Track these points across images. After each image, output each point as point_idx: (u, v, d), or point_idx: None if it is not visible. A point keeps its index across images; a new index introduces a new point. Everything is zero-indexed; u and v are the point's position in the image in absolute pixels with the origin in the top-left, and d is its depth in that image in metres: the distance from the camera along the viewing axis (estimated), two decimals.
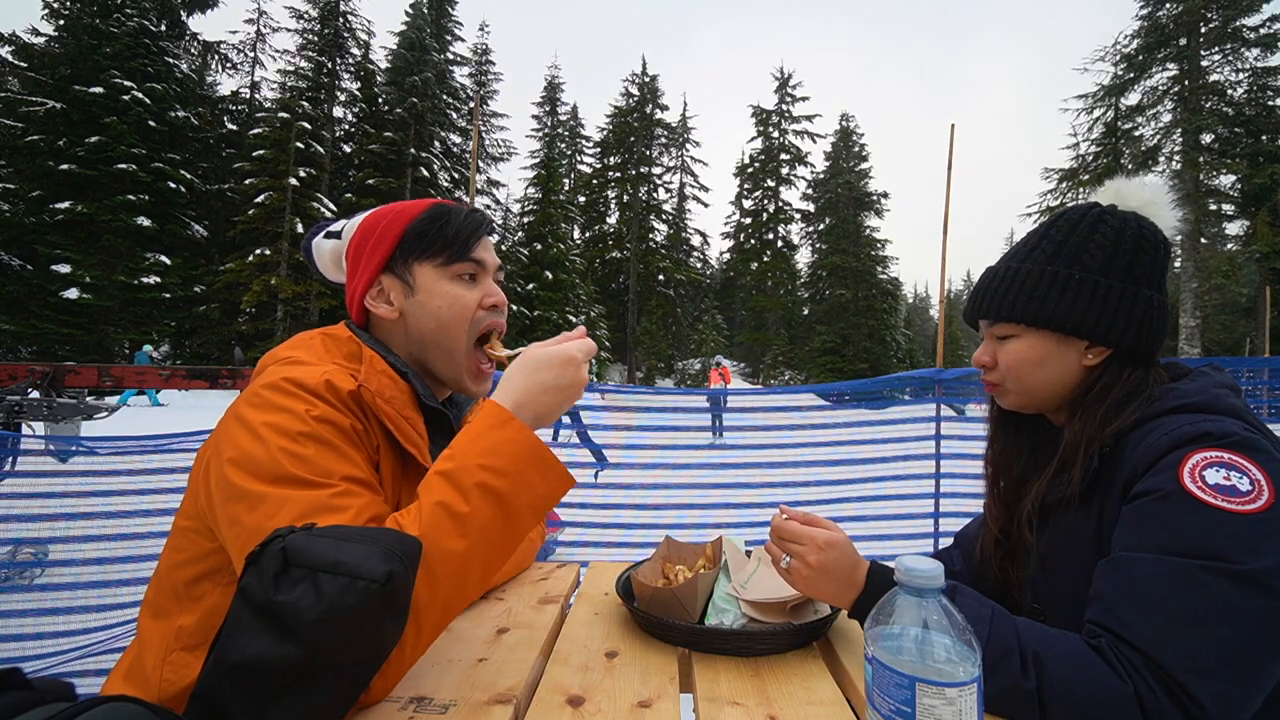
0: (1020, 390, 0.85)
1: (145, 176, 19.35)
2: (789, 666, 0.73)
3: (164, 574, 0.75)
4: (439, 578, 0.61)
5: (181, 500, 0.77)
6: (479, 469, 0.64)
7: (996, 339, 0.86)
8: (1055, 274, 0.80)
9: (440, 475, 0.65)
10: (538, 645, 0.78)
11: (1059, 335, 0.81)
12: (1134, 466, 0.70)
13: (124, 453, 2.04)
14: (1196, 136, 20.12)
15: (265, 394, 0.69)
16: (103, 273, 18.29)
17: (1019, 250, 0.86)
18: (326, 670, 0.50)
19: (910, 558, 0.52)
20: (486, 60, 34.29)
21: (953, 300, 51.53)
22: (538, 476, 0.67)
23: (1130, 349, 0.79)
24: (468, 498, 0.63)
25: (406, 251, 0.84)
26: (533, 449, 0.67)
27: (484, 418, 0.69)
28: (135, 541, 1.99)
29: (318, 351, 0.81)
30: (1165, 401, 0.74)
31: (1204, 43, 20.10)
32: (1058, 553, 0.79)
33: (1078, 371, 0.81)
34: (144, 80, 20.18)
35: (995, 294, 0.84)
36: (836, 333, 33.64)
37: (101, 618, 1.96)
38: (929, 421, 3.04)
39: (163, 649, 0.70)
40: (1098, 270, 0.79)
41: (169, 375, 2.02)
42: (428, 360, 0.85)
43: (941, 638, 0.49)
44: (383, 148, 25.15)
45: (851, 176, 37.24)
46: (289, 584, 0.50)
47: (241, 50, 26.44)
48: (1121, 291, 0.78)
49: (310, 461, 0.65)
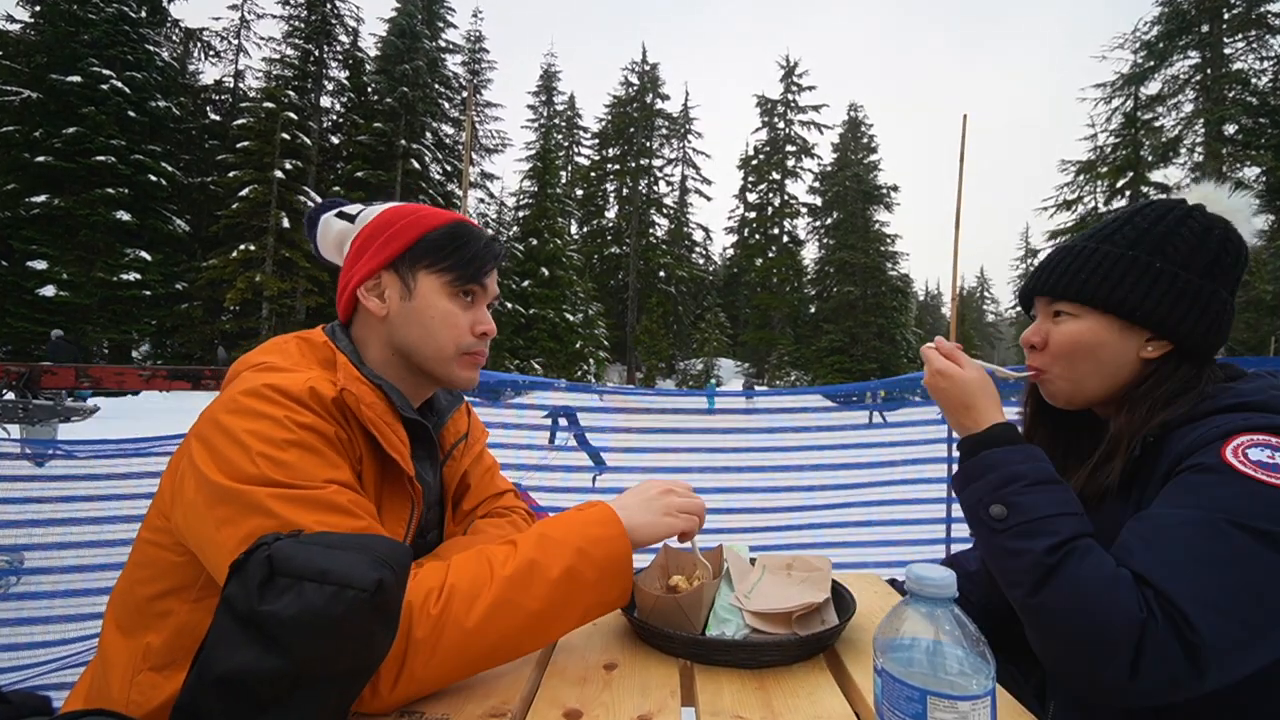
0: (1068, 377, 0.85)
1: (125, 169, 19.37)
2: (795, 679, 0.73)
3: (125, 590, 0.74)
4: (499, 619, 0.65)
5: (147, 512, 0.76)
6: (578, 551, 0.71)
7: (1053, 319, 0.86)
8: (1135, 259, 0.80)
9: (543, 538, 0.71)
10: (533, 657, 0.78)
11: (1123, 323, 0.81)
12: (1179, 456, 0.71)
13: (103, 456, 2.03)
14: (1219, 127, 20.13)
15: (246, 401, 0.69)
16: (80, 269, 18.30)
17: (1099, 231, 0.86)
18: (314, 682, 0.50)
19: (921, 566, 0.52)
20: (480, 48, 34.34)
21: (965, 298, 51.55)
22: (615, 584, 0.74)
23: (1195, 347, 0.79)
24: (560, 567, 0.69)
25: (417, 256, 0.85)
26: (625, 558, 0.74)
27: (598, 513, 0.76)
28: (115, 549, 1.99)
29: (293, 357, 0.81)
30: (1220, 400, 0.74)
31: (1227, 29, 20.12)
32: None
33: (1132, 364, 0.81)
34: (124, 69, 20.19)
35: (1066, 270, 0.84)
36: (844, 332, 33.66)
37: (79, 628, 1.96)
38: (940, 424, 3.04)
39: (130, 669, 0.69)
40: (1179, 263, 0.79)
41: (149, 376, 2.02)
42: (412, 357, 0.86)
43: (954, 649, 0.49)
44: (372, 139, 25.17)
45: (860, 169, 37.27)
46: (274, 593, 0.50)
47: (225, 37, 26.47)
48: (1199, 287, 0.78)
49: (294, 468, 0.65)
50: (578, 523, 0.74)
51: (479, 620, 0.64)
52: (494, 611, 0.65)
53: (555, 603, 0.68)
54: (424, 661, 0.62)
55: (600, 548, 0.72)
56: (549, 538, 0.71)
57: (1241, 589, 0.60)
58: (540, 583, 0.67)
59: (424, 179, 27.21)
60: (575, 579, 0.70)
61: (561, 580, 0.68)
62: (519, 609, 0.66)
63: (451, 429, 0.98)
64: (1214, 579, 0.60)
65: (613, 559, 0.73)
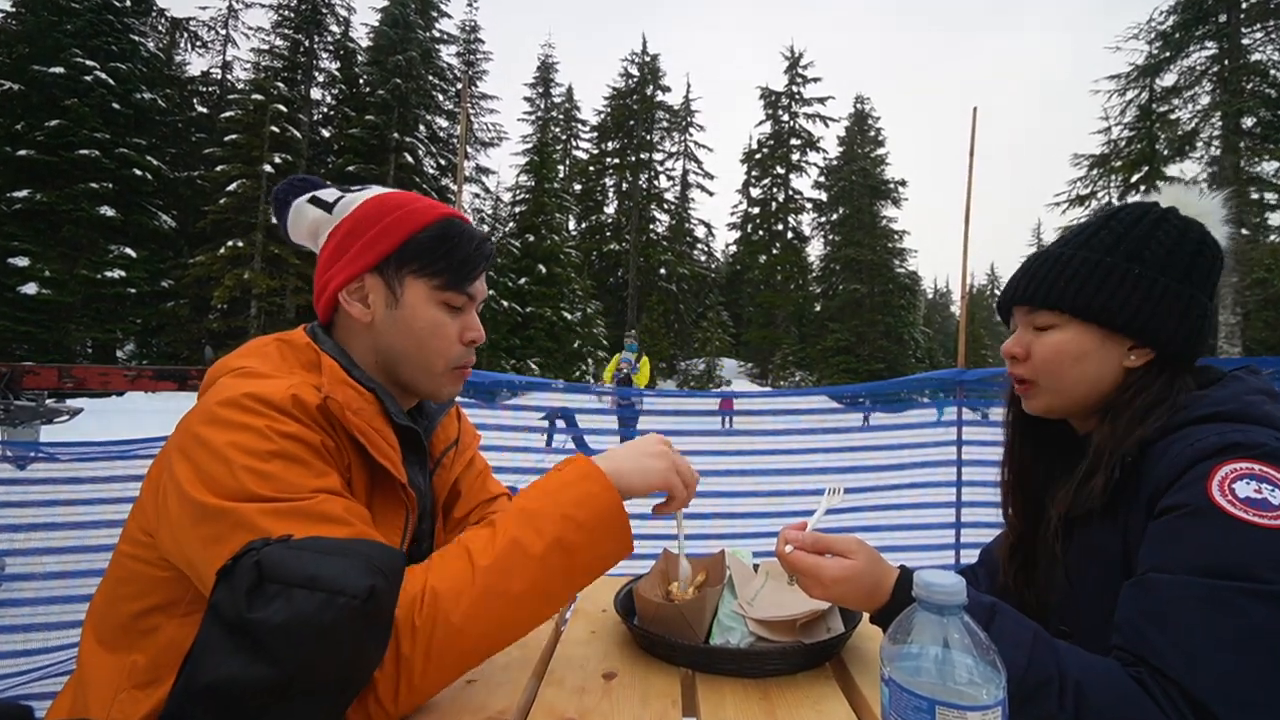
0: (1053, 389, 0.85)
1: (109, 163, 19.34)
2: (799, 688, 0.74)
3: (105, 607, 0.73)
4: (487, 611, 0.64)
5: (125, 527, 0.75)
6: (562, 518, 0.69)
7: (1034, 329, 0.86)
8: (1113, 266, 0.80)
9: (522, 512, 0.70)
10: (530, 665, 0.78)
11: (1105, 331, 0.81)
12: (1158, 480, 0.71)
13: (87, 459, 2.03)
14: (1237, 120, 20.10)
15: (225, 412, 0.67)
16: (63, 266, 18.28)
17: (1074, 236, 0.86)
18: (304, 692, 0.50)
19: (929, 572, 0.52)
20: (475, 38, 34.29)
21: (975, 296, 51.55)
22: (610, 538, 0.72)
23: (1176, 354, 0.80)
24: (543, 542, 0.67)
25: (404, 260, 0.82)
26: (615, 510, 0.72)
27: (576, 469, 0.74)
28: (100, 554, 1.98)
29: (274, 361, 0.79)
30: (1193, 410, 0.74)
31: (1245, 19, 20.09)
32: (1084, 570, 0.79)
33: (1115, 373, 0.82)
34: (108, 60, 20.17)
35: (1044, 278, 0.84)
36: (851, 331, 33.66)
37: (63, 636, 1.96)
38: (950, 426, 3.04)
39: (112, 688, 0.68)
40: (1157, 268, 0.79)
41: (134, 376, 2.02)
42: (397, 370, 0.85)
43: (963, 658, 0.49)
44: (364, 132, 25.14)
45: (867, 163, 37.26)
46: (263, 600, 0.50)
47: (212, 27, 26.46)
48: (1178, 293, 0.79)
49: (279, 480, 0.65)
50: (555, 485, 0.73)
51: (465, 617, 0.63)
52: (481, 603, 0.64)
53: (548, 577, 0.68)
54: (420, 670, 0.62)
55: (585, 508, 0.71)
56: (527, 511, 0.70)
57: (1267, 671, 0.59)
58: (525, 562, 0.66)
59: (417, 173, 27.18)
60: (563, 548, 0.68)
61: (549, 554, 0.67)
62: (506, 595, 0.65)
63: (441, 435, 0.97)
64: (1237, 668, 0.59)
65: (601, 515, 0.71)
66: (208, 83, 26.47)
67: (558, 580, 0.69)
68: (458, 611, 0.63)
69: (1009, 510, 0.97)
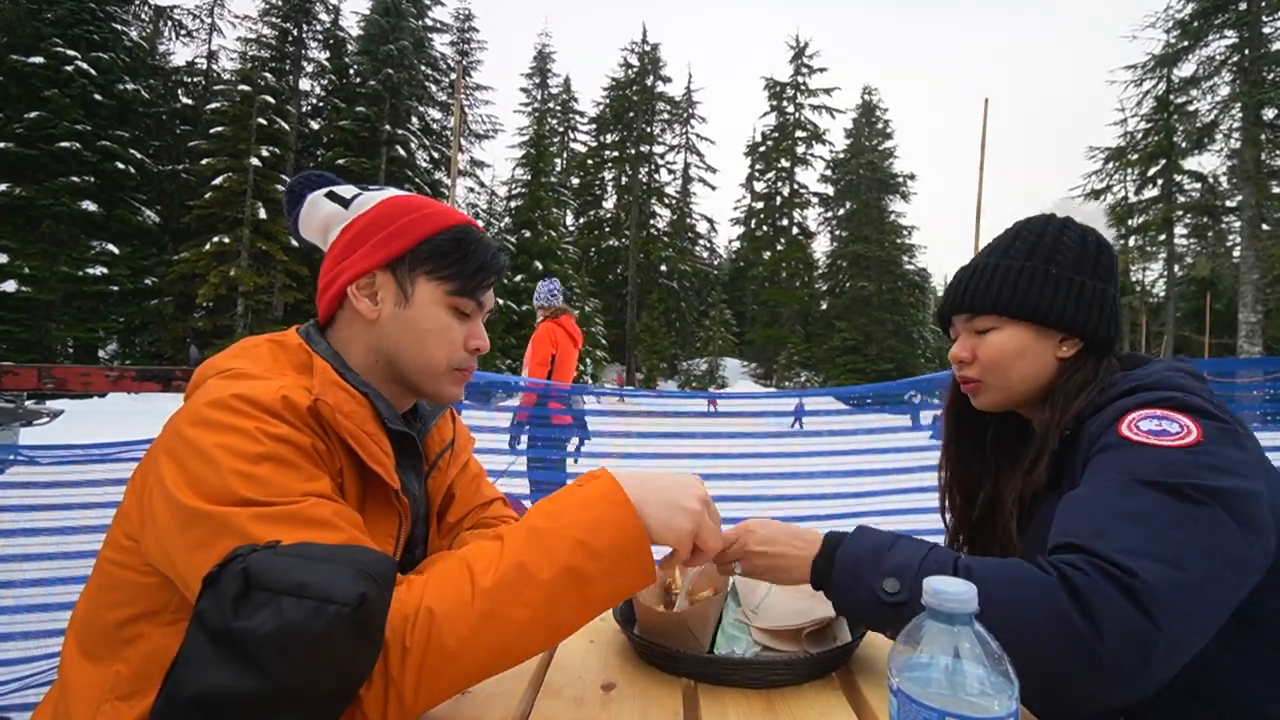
0: (1000, 385, 0.97)
1: (90, 156, 19.37)
2: (805, 700, 0.74)
3: (90, 615, 0.73)
4: (485, 637, 0.62)
5: (108, 532, 0.75)
6: (575, 543, 0.65)
7: (975, 334, 0.99)
8: (1034, 269, 0.94)
9: (532, 532, 0.66)
10: (526, 676, 0.78)
11: (1037, 327, 0.94)
12: (1089, 445, 0.83)
13: (68, 462, 2.03)
14: (1257, 111, 20.09)
15: (213, 413, 0.67)
16: (43, 263, 18.30)
17: (993, 249, 1.00)
18: (292, 703, 0.50)
19: (939, 578, 0.52)
20: (469, 27, 34.33)
21: None
22: (629, 570, 0.67)
23: (1101, 341, 0.93)
24: (552, 568, 0.64)
25: (419, 260, 0.84)
26: (637, 539, 0.67)
27: (597, 487, 0.69)
28: (82, 561, 1.99)
29: (265, 362, 0.79)
30: (1120, 386, 0.86)
31: (1266, 7, 20.08)
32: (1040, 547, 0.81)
33: (1052, 364, 0.95)
34: (89, 49, 20.19)
35: (977, 288, 0.97)
36: (858, 329, 33.69)
37: (44, 645, 1.96)
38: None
39: (95, 699, 0.68)
40: (1070, 267, 0.93)
41: (117, 376, 2.02)
42: (398, 369, 0.85)
43: (974, 668, 0.49)
44: (354, 124, 25.17)
45: (874, 156, 37.30)
46: (250, 608, 0.50)
47: (197, 16, 26.50)
48: (1093, 287, 0.93)
49: (268, 483, 0.64)
50: (572, 504, 0.68)
51: (461, 641, 0.61)
52: (479, 628, 0.62)
53: (555, 607, 0.64)
54: (412, 691, 0.61)
55: (602, 534, 0.65)
56: (538, 531, 0.66)
57: (1168, 537, 0.68)
58: (530, 588, 0.63)
59: (410, 166, 27.21)
60: (575, 577, 0.64)
61: (557, 581, 0.64)
62: (507, 621, 0.62)
63: (436, 437, 0.97)
64: (1136, 530, 0.69)
65: (620, 544, 0.66)
66: (192, 73, 26.49)
67: (566, 611, 0.65)
68: (453, 635, 0.61)
69: (947, 512, 1.11)
